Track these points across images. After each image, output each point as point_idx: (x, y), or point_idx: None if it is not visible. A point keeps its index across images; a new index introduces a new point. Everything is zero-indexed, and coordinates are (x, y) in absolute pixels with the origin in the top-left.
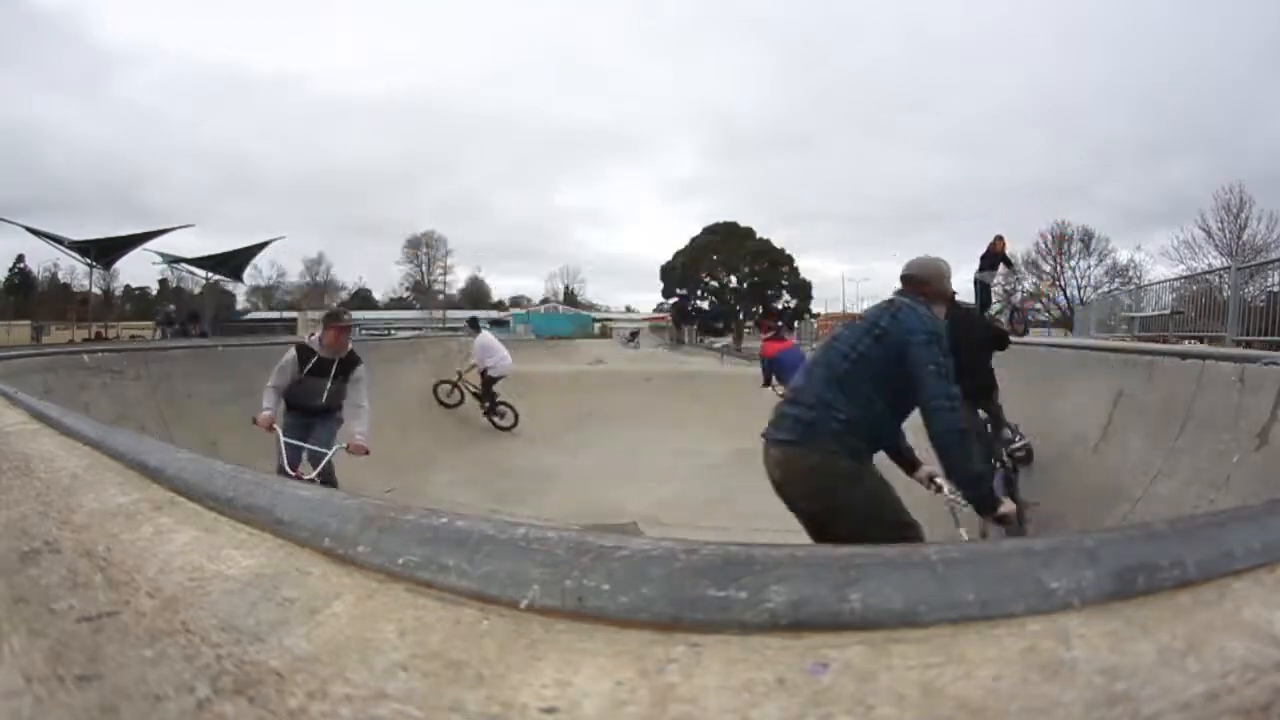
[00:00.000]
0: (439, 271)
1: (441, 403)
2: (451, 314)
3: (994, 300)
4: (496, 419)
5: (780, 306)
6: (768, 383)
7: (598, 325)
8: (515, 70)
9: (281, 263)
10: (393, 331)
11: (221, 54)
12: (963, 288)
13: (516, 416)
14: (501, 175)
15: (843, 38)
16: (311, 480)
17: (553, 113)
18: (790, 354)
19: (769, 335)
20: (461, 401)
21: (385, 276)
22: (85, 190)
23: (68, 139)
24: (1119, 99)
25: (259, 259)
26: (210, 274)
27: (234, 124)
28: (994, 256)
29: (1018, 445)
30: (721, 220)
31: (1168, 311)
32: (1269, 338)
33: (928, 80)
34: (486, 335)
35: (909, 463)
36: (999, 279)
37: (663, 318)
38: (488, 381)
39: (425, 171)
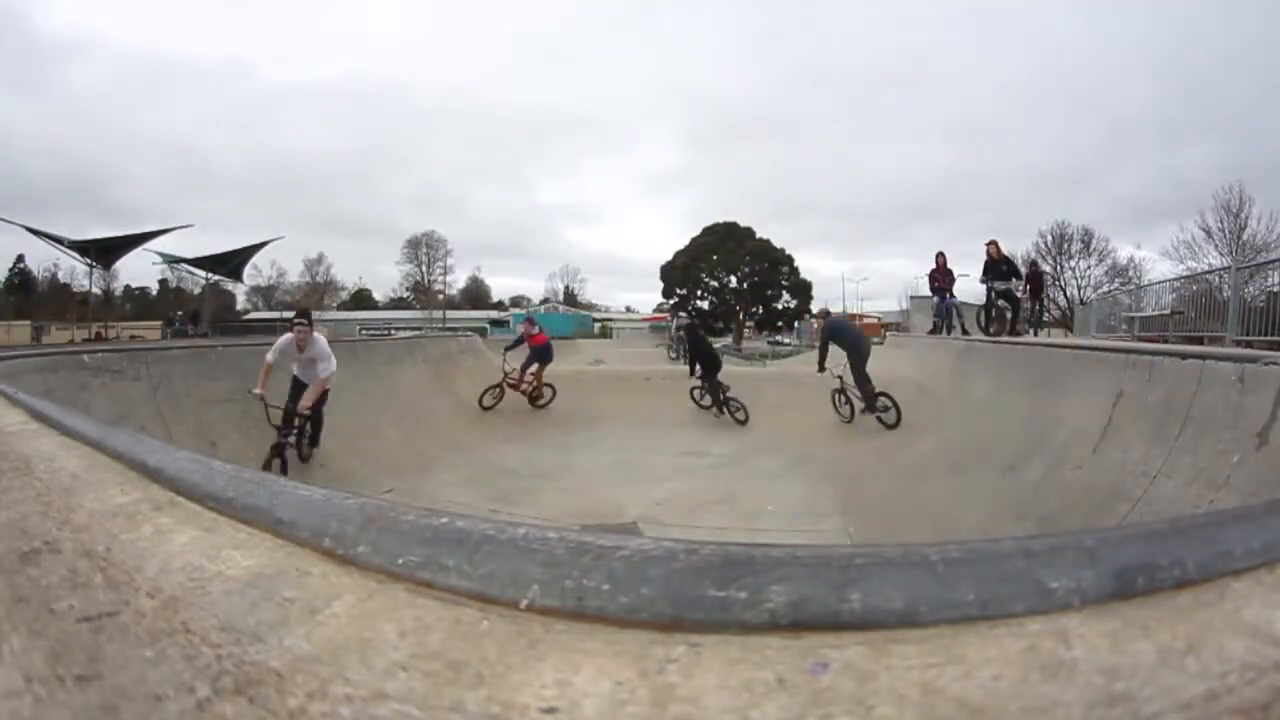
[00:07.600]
0: (439, 272)
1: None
2: (451, 314)
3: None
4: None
5: (780, 307)
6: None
7: (598, 325)
8: (479, 52)
9: (281, 262)
10: (393, 332)
11: (172, 43)
12: (969, 291)
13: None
14: (477, 169)
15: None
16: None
17: (524, 100)
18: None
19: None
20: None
21: (384, 277)
22: (48, 187)
23: (18, 135)
24: (1132, 75)
25: (258, 258)
26: (210, 274)
27: (203, 118)
28: (995, 264)
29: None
30: (720, 220)
31: (1168, 311)
32: (1269, 338)
33: (923, 52)
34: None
35: None
36: (1016, 287)
37: (663, 318)
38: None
39: (399, 167)
